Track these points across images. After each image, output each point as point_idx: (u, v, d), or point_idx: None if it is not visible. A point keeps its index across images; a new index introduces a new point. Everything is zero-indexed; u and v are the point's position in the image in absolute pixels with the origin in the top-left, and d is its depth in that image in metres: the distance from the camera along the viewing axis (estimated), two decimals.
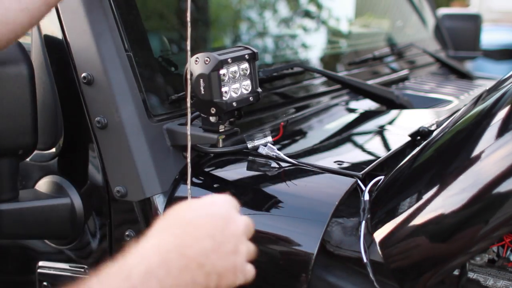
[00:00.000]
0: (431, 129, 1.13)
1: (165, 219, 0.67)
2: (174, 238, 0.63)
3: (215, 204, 0.69)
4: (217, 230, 0.66)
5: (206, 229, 0.65)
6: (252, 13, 1.64)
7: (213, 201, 0.70)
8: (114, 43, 1.05)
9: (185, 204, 0.69)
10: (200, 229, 0.65)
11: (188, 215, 0.67)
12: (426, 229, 0.78)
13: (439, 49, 2.30)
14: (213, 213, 0.68)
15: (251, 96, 0.98)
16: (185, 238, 0.64)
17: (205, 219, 0.66)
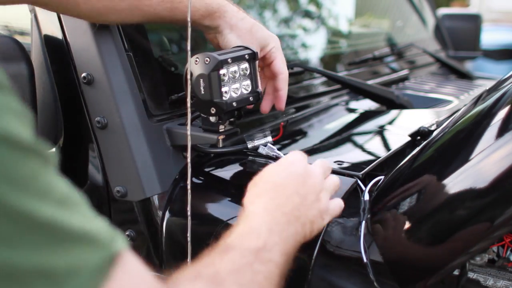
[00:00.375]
0: (431, 129, 1.13)
1: (257, 186, 0.78)
2: (272, 200, 0.75)
3: (293, 164, 0.81)
4: (300, 186, 0.78)
5: (292, 187, 0.77)
6: (252, 13, 1.64)
7: (290, 162, 0.82)
8: (114, 43, 1.05)
9: (270, 170, 0.81)
10: (287, 188, 0.77)
11: (276, 178, 0.79)
12: (426, 229, 0.78)
13: (439, 49, 2.30)
14: (293, 172, 0.80)
15: (251, 96, 0.98)
16: (280, 198, 0.75)
17: (288, 179, 0.78)
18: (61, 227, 0.41)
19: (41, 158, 0.42)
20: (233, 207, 0.99)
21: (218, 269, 0.60)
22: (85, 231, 0.43)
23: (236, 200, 1.00)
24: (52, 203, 0.41)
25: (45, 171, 0.42)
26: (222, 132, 0.98)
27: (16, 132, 0.40)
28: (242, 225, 0.71)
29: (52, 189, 0.42)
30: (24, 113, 0.42)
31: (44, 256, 0.39)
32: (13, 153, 0.39)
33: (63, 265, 0.40)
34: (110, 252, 0.44)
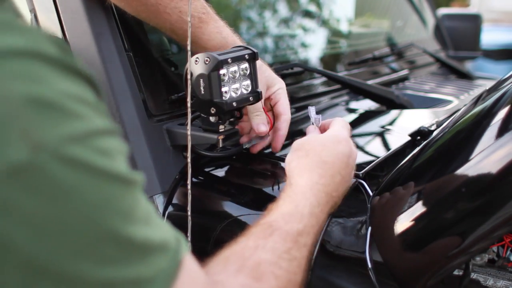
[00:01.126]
0: (431, 129, 1.13)
1: (307, 157, 0.80)
2: (319, 178, 0.77)
3: (341, 143, 0.83)
4: (343, 167, 0.81)
5: (337, 167, 0.80)
6: (252, 13, 1.64)
7: (339, 140, 0.83)
8: (114, 43, 1.05)
9: (320, 142, 0.82)
10: (334, 167, 0.79)
11: (325, 154, 0.80)
12: (426, 228, 0.78)
13: (439, 49, 2.30)
14: (340, 152, 0.82)
15: (251, 96, 0.98)
16: (326, 177, 0.78)
17: (336, 158, 0.80)
18: (148, 242, 0.47)
19: (136, 185, 0.48)
20: (233, 207, 0.99)
21: (260, 260, 0.62)
22: (161, 241, 0.49)
23: (236, 200, 1.00)
24: (142, 224, 0.47)
25: (138, 196, 0.48)
26: (222, 132, 0.98)
27: (123, 171, 0.46)
28: (288, 203, 0.73)
29: (142, 210, 0.48)
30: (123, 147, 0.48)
31: (136, 268, 0.45)
32: (122, 189, 0.45)
33: (148, 273, 0.46)
34: (179, 256, 0.50)
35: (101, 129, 0.45)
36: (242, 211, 0.96)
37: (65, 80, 0.44)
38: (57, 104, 0.42)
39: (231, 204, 1.00)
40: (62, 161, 0.41)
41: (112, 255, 0.44)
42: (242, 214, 0.95)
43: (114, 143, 0.46)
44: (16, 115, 0.40)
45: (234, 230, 0.95)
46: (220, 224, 0.96)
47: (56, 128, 0.41)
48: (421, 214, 0.79)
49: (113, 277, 0.44)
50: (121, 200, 0.45)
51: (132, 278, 0.45)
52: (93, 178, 0.43)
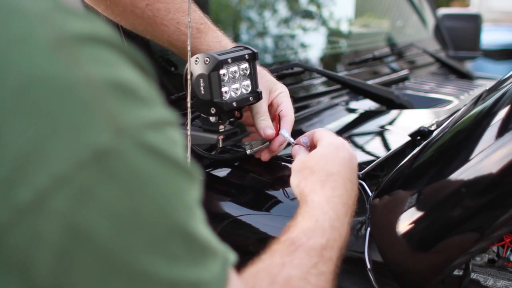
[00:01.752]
0: (431, 129, 1.13)
1: (315, 174, 0.80)
2: (333, 190, 0.78)
3: (340, 149, 0.84)
4: (349, 172, 0.82)
5: (345, 174, 0.81)
6: (252, 13, 1.64)
7: (337, 147, 0.84)
8: None
9: (321, 156, 0.83)
10: (342, 176, 0.80)
11: (330, 166, 0.81)
12: (425, 229, 0.78)
13: (439, 49, 2.30)
14: (343, 158, 0.83)
15: (251, 96, 0.98)
16: (339, 188, 0.78)
17: (341, 167, 0.81)
18: (208, 244, 0.46)
19: (198, 182, 0.47)
20: (233, 207, 0.99)
21: (290, 275, 0.62)
22: (215, 246, 0.47)
23: (236, 200, 1.00)
24: (202, 223, 0.46)
25: (199, 194, 0.47)
26: (222, 132, 0.98)
27: (186, 165, 0.44)
28: (307, 220, 0.73)
29: (200, 211, 0.47)
30: (183, 143, 0.47)
31: (198, 270, 0.44)
32: (189, 182, 0.44)
33: (207, 277, 0.45)
34: (228, 265, 0.49)
35: (169, 119, 0.44)
36: (242, 211, 0.96)
37: (131, 67, 0.43)
38: (134, 89, 0.41)
39: (231, 204, 1.00)
40: (142, 147, 0.40)
41: (180, 252, 0.42)
42: (242, 214, 0.95)
43: (178, 135, 0.45)
44: (100, 98, 0.38)
45: (235, 230, 0.95)
46: (220, 224, 0.96)
47: (136, 113, 0.40)
48: (422, 215, 0.78)
49: (179, 277, 0.42)
50: (187, 193, 0.44)
51: (193, 280, 0.43)
52: (167, 168, 0.42)
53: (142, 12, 0.97)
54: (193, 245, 0.44)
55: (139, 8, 0.97)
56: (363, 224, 0.88)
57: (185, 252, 0.43)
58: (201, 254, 0.45)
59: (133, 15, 0.98)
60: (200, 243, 0.45)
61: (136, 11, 0.97)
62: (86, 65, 0.39)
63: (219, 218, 0.97)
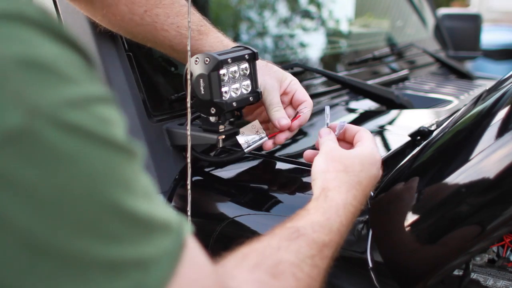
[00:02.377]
0: (431, 129, 1.13)
1: (347, 174, 0.79)
2: (354, 198, 0.77)
3: (375, 166, 0.83)
4: (371, 189, 0.83)
5: (368, 190, 0.81)
6: (252, 13, 1.64)
7: (375, 162, 0.83)
8: (114, 43, 1.05)
9: (360, 160, 0.81)
10: (366, 190, 0.81)
11: (363, 176, 0.80)
12: (425, 229, 0.78)
13: (439, 49, 2.30)
14: (374, 175, 0.83)
15: (251, 96, 0.98)
16: (360, 197, 0.79)
17: (369, 181, 0.81)
18: (153, 220, 0.44)
19: (137, 158, 0.45)
20: (233, 207, 0.99)
21: (281, 259, 0.61)
22: (164, 219, 0.46)
23: (236, 200, 1.00)
24: (145, 199, 0.44)
25: (140, 170, 0.45)
26: (222, 132, 0.98)
27: (123, 140, 0.43)
28: (320, 215, 0.72)
29: (144, 185, 0.45)
30: (121, 120, 0.45)
31: (140, 247, 0.43)
32: (123, 159, 0.43)
33: (152, 253, 0.43)
34: (182, 237, 0.47)
35: (98, 95, 0.42)
36: (242, 211, 0.96)
37: (54, 44, 0.41)
38: (52, 66, 0.39)
39: (231, 204, 1.00)
40: (60, 126, 0.38)
41: (116, 231, 0.41)
42: (242, 214, 0.95)
43: (112, 111, 0.43)
44: (7, 77, 0.37)
45: (234, 230, 0.95)
46: (220, 224, 0.96)
47: (53, 91, 0.39)
48: (422, 214, 0.78)
49: (118, 256, 0.41)
50: (122, 169, 0.42)
51: (136, 258, 0.42)
52: (93, 145, 0.40)
53: (141, 19, 0.97)
54: (133, 222, 0.42)
55: (137, 15, 0.96)
56: (365, 224, 0.88)
57: (122, 230, 0.42)
58: (143, 231, 0.43)
59: (132, 23, 0.97)
60: (142, 219, 0.43)
61: (135, 19, 0.97)
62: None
63: (219, 218, 0.97)
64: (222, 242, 0.95)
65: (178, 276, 0.45)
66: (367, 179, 0.80)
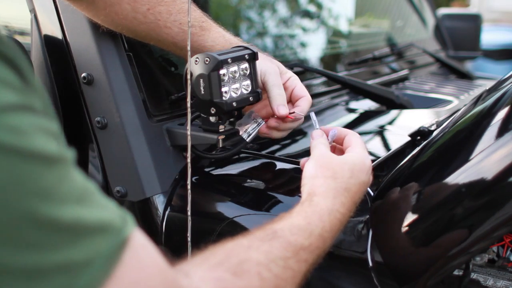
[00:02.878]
0: (431, 129, 1.13)
1: (335, 180, 0.79)
2: (341, 206, 0.77)
3: (365, 172, 0.82)
4: (360, 196, 0.82)
5: (357, 197, 0.81)
6: (252, 13, 1.64)
7: (365, 169, 0.83)
8: (114, 43, 1.05)
9: (348, 167, 0.81)
10: (355, 197, 0.80)
11: (352, 183, 0.80)
12: (425, 229, 0.78)
13: (439, 49, 2.30)
14: (363, 182, 0.82)
15: (251, 96, 0.98)
16: (347, 205, 0.78)
17: (358, 188, 0.81)
18: (81, 224, 0.44)
19: (63, 163, 0.45)
20: (233, 207, 0.99)
21: (248, 258, 0.61)
22: (100, 221, 0.45)
23: (236, 200, 1.00)
24: (72, 203, 0.44)
25: (66, 174, 0.45)
26: (222, 132, 0.98)
27: (40, 148, 0.42)
28: (301, 219, 0.72)
29: (72, 189, 0.44)
30: (48, 125, 0.45)
31: (65, 253, 0.42)
32: (39, 167, 0.42)
33: (81, 258, 0.43)
34: (122, 237, 0.46)
35: (12, 104, 0.42)
36: (242, 211, 0.96)
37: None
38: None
39: (231, 204, 1.00)
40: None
41: (34, 239, 0.41)
42: (242, 214, 0.95)
43: (29, 120, 0.43)
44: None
45: (234, 230, 0.95)
46: (220, 224, 0.96)
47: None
48: (422, 214, 0.78)
49: (39, 263, 0.41)
50: (39, 178, 0.42)
51: (61, 263, 0.42)
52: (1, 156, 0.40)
53: (144, 17, 0.97)
54: (54, 229, 0.42)
55: (140, 14, 0.97)
56: (364, 224, 0.88)
57: (41, 238, 0.41)
58: (68, 236, 0.43)
59: (135, 21, 0.98)
60: (64, 225, 0.43)
61: (138, 17, 0.97)
62: None
63: (219, 218, 0.97)
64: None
65: (115, 278, 0.44)
66: (356, 186, 0.80)
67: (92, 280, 0.43)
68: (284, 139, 1.17)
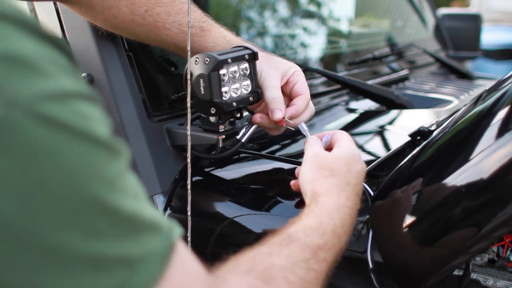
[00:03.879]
0: (431, 129, 1.13)
1: (334, 178, 0.79)
2: (346, 200, 0.77)
3: (358, 162, 0.83)
4: (361, 186, 0.83)
5: (358, 187, 0.81)
6: (252, 13, 1.64)
7: (356, 159, 0.84)
8: (114, 43, 1.05)
9: (344, 161, 0.81)
10: (356, 188, 0.80)
11: (350, 176, 0.80)
12: (425, 229, 0.78)
13: (439, 49, 2.30)
14: (359, 172, 0.83)
15: (251, 96, 0.98)
16: (351, 199, 0.78)
17: (357, 179, 0.81)
18: (139, 219, 0.44)
19: (123, 157, 0.45)
20: (233, 207, 0.99)
21: (272, 264, 0.61)
22: (154, 220, 0.46)
23: (236, 200, 1.00)
24: (131, 197, 0.44)
25: (125, 169, 0.45)
26: (222, 132, 0.98)
27: (106, 137, 0.43)
28: (311, 219, 0.72)
29: (130, 184, 0.45)
30: (105, 119, 0.45)
31: (126, 245, 0.43)
32: (105, 155, 0.43)
33: (139, 252, 0.43)
34: (171, 239, 0.47)
35: (78, 92, 0.42)
36: (242, 211, 0.96)
37: (33, 41, 0.41)
38: (30, 61, 0.40)
39: (231, 204, 1.00)
40: (38, 119, 0.38)
41: (99, 227, 0.41)
42: (242, 214, 0.95)
43: (93, 109, 0.43)
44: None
45: (234, 230, 0.95)
46: (220, 224, 0.96)
47: (30, 85, 0.39)
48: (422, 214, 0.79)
49: (102, 253, 0.41)
50: (105, 166, 0.42)
51: (121, 255, 0.42)
52: (72, 139, 0.40)
53: (143, 19, 0.96)
54: (117, 220, 0.42)
55: (138, 16, 0.96)
56: (364, 224, 0.88)
57: (105, 227, 0.41)
58: (129, 229, 0.43)
59: (133, 23, 0.97)
60: (127, 217, 0.43)
61: (137, 19, 0.96)
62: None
63: (219, 218, 0.97)
64: (222, 242, 0.95)
65: (166, 279, 0.45)
66: (354, 178, 0.81)
67: (147, 277, 0.43)
68: (284, 139, 1.17)
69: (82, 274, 0.40)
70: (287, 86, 1.00)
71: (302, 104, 0.98)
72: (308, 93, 1.01)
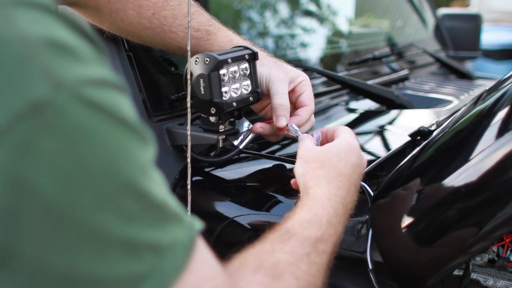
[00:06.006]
0: (431, 129, 1.13)
1: (324, 169, 0.79)
2: (337, 190, 0.77)
3: (353, 152, 0.83)
4: (357, 178, 0.82)
5: (353, 178, 0.81)
6: (252, 13, 1.64)
7: (352, 148, 0.83)
8: (114, 43, 1.05)
9: (335, 153, 0.81)
10: (350, 179, 0.80)
11: (341, 166, 0.80)
12: (425, 229, 0.78)
13: (439, 49, 2.30)
14: (355, 163, 0.82)
15: (251, 96, 0.98)
16: (343, 189, 0.78)
17: (351, 170, 0.81)
18: (167, 207, 0.46)
19: (151, 147, 0.47)
20: (233, 207, 0.99)
21: (278, 260, 0.62)
22: (178, 211, 0.47)
23: (236, 200, 1.00)
24: (160, 186, 0.46)
25: (153, 158, 0.47)
26: (222, 132, 0.98)
27: (138, 126, 0.45)
28: (305, 212, 0.73)
29: (157, 173, 0.47)
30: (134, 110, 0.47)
31: (155, 232, 0.44)
32: (139, 143, 0.45)
33: (167, 240, 0.45)
34: (193, 232, 0.48)
35: (113, 81, 0.44)
36: (242, 211, 0.96)
37: (70, 30, 0.43)
38: (72, 48, 0.42)
39: (231, 204, 1.00)
40: (83, 101, 0.40)
41: (133, 210, 0.42)
42: (242, 214, 0.96)
43: (125, 99, 0.46)
44: (36, 54, 0.39)
45: (234, 230, 0.95)
46: (220, 224, 0.96)
47: (74, 69, 0.41)
48: (422, 214, 0.79)
49: (134, 237, 0.42)
50: (140, 153, 0.44)
51: (152, 241, 0.43)
52: (112, 124, 0.42)
53: (149, 22, 0.97)
54: (149, 205, 0.44)
55: (145, 19, 0.96)
56: (364, 224, 0.88)
57: (140, 211, 0.43)
58: (159, 216, 0.44)
59: (140, 27, 0.97)
60: (157, 204, 0.44)
61: (143, 22, 0.97)
62: (21, 24, 0.40)
63: (219, 218, 0.97)
64: (222, 242, 0.95)
65: (189, 272, 0.46)
66: (348, 168, 0.80)
67: (174, 265, 0.44)
68: (283, 140, 1.17)
69: (115, 257, 0.41)
70: (293, 94, 1.00)
71: (305, 116, 0.98)
72: (313, 105, 1.00)
